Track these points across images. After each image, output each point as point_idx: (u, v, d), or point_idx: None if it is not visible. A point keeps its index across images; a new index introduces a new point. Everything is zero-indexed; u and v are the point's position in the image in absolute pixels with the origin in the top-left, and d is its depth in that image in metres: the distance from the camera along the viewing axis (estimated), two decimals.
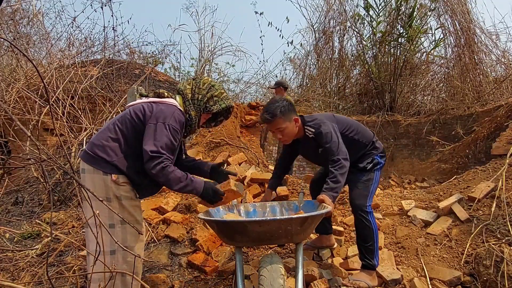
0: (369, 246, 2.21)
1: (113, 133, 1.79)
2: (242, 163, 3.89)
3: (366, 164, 2.29)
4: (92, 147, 1.78)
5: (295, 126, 2.21)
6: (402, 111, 7.68)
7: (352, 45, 8.88)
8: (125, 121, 1.82)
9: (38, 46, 6.59)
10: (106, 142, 1.77)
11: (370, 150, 2.34)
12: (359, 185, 2.26)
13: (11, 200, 3.94)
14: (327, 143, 2.12)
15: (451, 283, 2.20)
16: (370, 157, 2.32)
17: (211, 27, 8.73)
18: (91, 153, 1.77)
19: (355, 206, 2.23)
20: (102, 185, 1.74)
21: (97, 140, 1.79)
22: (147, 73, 6.48)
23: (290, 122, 2.17)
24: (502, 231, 2.44)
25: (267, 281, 1.56)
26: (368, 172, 2.29)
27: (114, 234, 1.64)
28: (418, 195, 3.32)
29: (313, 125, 2.22)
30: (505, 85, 6.58)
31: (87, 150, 1.79)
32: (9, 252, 2.67)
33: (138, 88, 3.51)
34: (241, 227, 1.62)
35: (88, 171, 1.76)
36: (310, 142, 2.25)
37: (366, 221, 2.19)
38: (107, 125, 1.87)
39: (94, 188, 1.72)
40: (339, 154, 2.08)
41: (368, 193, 2.25)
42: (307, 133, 2.24)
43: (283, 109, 2.13)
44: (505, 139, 3.62)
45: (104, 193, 1.74)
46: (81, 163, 1.82)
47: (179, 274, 2.48)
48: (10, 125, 4.45)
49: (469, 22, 7.13)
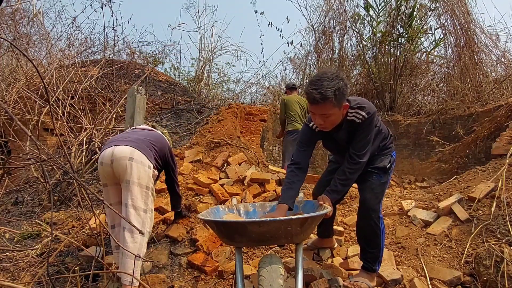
0: (374, 252, 2.10)
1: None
2: (242, 163, 3.89)
3: (387, 163, 2.07)
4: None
5: (342, 114, 1.86)
6: (402, 111, 7.67)
7: (352, 45, 8.87)
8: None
9: (38, 46, 6.60)
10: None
11: (390, 143, 2.15)
12: (377, 188, 2.04)
13: (11, 200, 3.94)
14: (367, 136, 1.88)
15: (451, 283, 2.20)
16: (389, 154, 2.11)
17: (211, 26, 8.74)
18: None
19: (369, 210, 2.03)
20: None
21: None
22: (147, 73, 6.49)
23: (340, 109, 1.80)
24: (502, 231, 2.44)
25: (267, 281, 1.56)
26: (387, 173, 2.09)
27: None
28: (418, 195, 3.32)
29: (364, 108, 1.86)
30: (505, 85, 6.58)
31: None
32: (9, 252, 2.67)
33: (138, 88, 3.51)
34: (240, 227, 1.62)
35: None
36: (349, 130, 1.93)
37: (376, 227, 2.04)
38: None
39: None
40: (363, 157, 1.90)
41: (382, 197, 2.10)
42: (353, 117, 1.87)
43: (338, 91, 1.73)
44: (505, 139, 3.62)
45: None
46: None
47: (179, 274, 2.47)
48: (10, 125, 4.45)
49: (469, 22, 7.12)
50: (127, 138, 2.35)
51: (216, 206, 2.17)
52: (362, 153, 1.91)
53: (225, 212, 2.07)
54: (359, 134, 1.90)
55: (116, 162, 2.20)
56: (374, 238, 2.07)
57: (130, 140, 2.31)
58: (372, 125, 1.90)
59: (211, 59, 8.74)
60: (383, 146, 2.12)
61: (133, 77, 6.39)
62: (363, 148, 1.90)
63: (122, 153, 2.21)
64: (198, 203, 3.15)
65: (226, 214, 2.06)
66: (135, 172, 2.18)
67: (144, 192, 2.21)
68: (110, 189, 2.32)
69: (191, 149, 4.33)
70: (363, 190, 2.10)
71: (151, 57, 7.91)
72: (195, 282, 2.38)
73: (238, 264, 1.72)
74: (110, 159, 2.22)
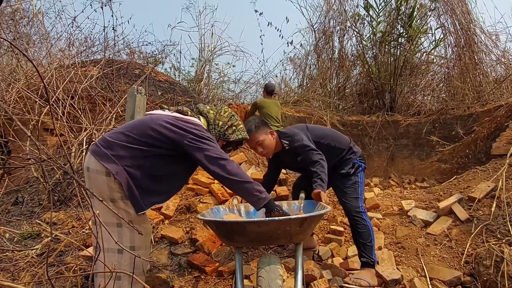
0: (368, 243, 2.30)
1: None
2: (242, 163, 3.89)
3: (348, 169, 2.41)
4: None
5: (272, 138, 2.41)
6: (402, 111, 7.67)
7: (352, 45, 8.84)
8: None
9: (38, 46, 6.59)
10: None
11: (349, 155, 2.46)
12: (347, 190, 2.38)
13: (11, 200, 3.94)
14: (302, 152, 2.29)
15: (451, 283, 2.20)
16: (350, 162, 2.44)
17: (211, 26, 8.74)
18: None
19: (349, 209, 2.35)
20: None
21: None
22: (147, 73, 6.48)
23: (267, 135, 2.38)
24: (502, 231, 2.44)
25: (266, 282, 1.55)
26: (352, 176, 2.41)
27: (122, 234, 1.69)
28: (418, 195, 3.32)
29: (287, 138, 2.41)
30: (505, 85, 6.58)
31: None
32: (9, 252, 2.67)
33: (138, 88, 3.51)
34: (240, 227, 1.62)
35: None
36: (289, 154, 2.42)
37: (362, 221, 2.31)
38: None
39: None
40: (315, 157, 2.23)
41: (358, 195, 2.38)
42: (284, 146, 2.43)
43: (256, 124, 2.35)
44: (505, 139, 3.62)
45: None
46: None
47: (179, 274, 2.47)
48: (10, 125, 4.45)
49: (469, 22, 7.12)
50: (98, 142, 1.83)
51: (216, 206, 2.16)
52: (312, 157, 2.24)
53: (225, 212, 2.07)
54: (300, 155, 2.32)
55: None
56: (363, 230, 2.31)
57: (98, 142, 1.81)
58: (296, 146, 2.33)
59: (211, 59, 8.74)
60: (340, 160, 2.45)
61: (133, 77, 6.38)
62: (310, 156, 2.25)
63: (85, 164, 1.78)
64: (198, 203, 3.15)
65: (227, 214, 2.05)
66: (93, 185, 1.70)
67: (111, 205, 1.67)
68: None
69: None
70: (338, 195, 2.47)
71: (151, 57, 7.91)
72: (195, 282, 2.38)
73: (238, 264, 1.72)
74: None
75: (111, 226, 1.65)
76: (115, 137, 1.76)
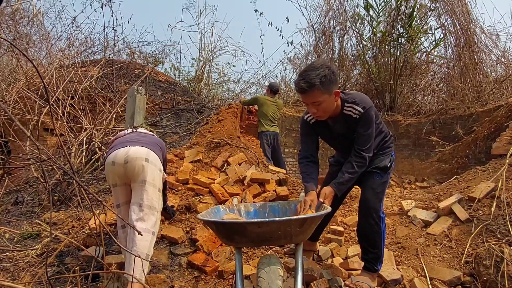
0: (376, 252, 2.11)
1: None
2: (242, 163, 3.89)
3: (388, 163, 2.10)
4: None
5: (335, 101, 1.89)
6: (402, 111, 7.67)
7: (352, 45, 8.84)
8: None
9: (38, 46, 6.60)
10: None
11: (390, 143, 2.19)
12: (378, 187, 2.07)
13: (11, 200, 3.94)
14: (367, 130, 1.92)
15: (451, 283, 2.20)
16: (389, 154, 2.14)
17: (211, 26, 8.74)
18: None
19: (370, 209, 2.05)
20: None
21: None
22: (147, 73, 6.48)
23: (330, 96, 1.84)
24: (502, 231, 2.44)
25: (265, 282, 1.55)
26: (387, 173, 2.12)
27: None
28: (418, 195, 3.32)
29: (359, 103, 1.91)
30: (505, 85, 6.57)
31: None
32: (9, 252, 2.67)
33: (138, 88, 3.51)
34: (240, 228, 1.62)
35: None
36: (345, 123, 1.97)
37: (377, 227, 2.05)
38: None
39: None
40: (368, 151, 1.95)
41: (383, 197, 2.12)
42: (349, 112, 1.92)
43: (324, 78, 1.78)
44: (505, 139, 3.62)
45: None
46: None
47: (179, 274, 2.47)
48: (10, 125, 4.45)
49: (469, 22, 7.12)
50: (141, 140, 2.40)
51: (216, 206, 2.17)
52: (366, 148, 1.95)
53: (225, 212, 2.07)
54: (360, 130, 1.94)
55: (131, 162, 2.23)
56: (375, 238, 2.09)
57: (144, 142, 2.38)
58: (370, 119, 1.93)
59: (211, 59, 8.74)
60: (384, 146, 2.17)
61: (133, 77, 6.38)
62: (367, 143, 1.95)
63: (138, 154, 2.26)
64: (198, 203, 3.15)
65: (227, 214, 2.05)
66: (150, 173, 2.24)
67: (157, 193, 2.29)
68: (120, 189, 2.36)
69: (191, 149, 4.33)
70: (364, 190, 2.14)
71: (151, 57, 7.91)
72: (195, 282, 2.38)
73: (238, 264, 1.72)
74: (124, 158, 2.24)
75: (153, 210, 2.23)
76: (158, 148, 2.44)
